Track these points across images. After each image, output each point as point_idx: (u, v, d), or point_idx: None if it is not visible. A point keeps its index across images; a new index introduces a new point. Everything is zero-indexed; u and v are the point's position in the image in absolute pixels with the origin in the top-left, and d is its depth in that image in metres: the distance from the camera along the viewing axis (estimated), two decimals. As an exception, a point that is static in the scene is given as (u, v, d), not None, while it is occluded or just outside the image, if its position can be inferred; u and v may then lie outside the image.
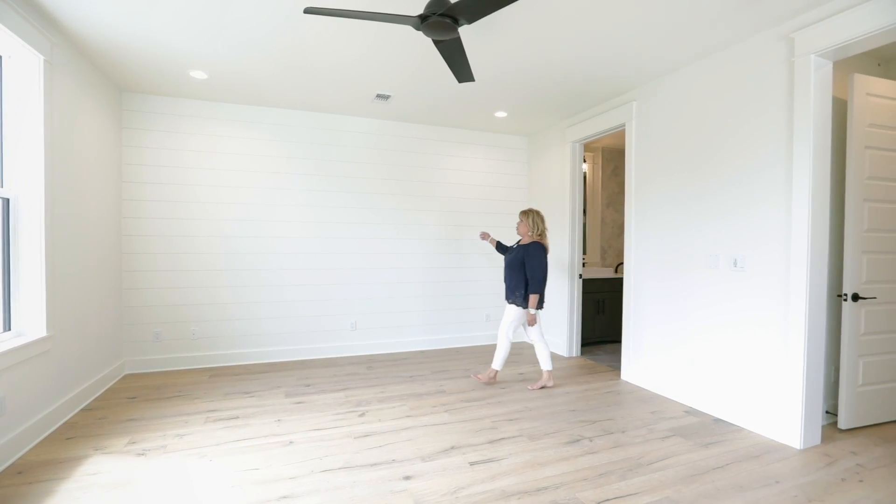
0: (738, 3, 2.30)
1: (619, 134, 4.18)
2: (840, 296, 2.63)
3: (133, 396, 3.14)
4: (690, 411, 2.92)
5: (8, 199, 2.40)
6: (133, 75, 3.30)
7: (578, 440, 2.49)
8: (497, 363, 3.45)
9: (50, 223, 2.55)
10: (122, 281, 3.65)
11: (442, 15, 1.93)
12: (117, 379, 3.50)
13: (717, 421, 2.76)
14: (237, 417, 2.78)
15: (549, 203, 4.66)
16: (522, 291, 3.33)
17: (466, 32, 2.60)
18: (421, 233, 4.60)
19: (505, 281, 3.48)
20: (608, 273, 5.09)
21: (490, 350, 4.59)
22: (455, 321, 4.77)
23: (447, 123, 4.57)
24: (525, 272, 3.31)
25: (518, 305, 3.36)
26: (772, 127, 2.55)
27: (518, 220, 3.67)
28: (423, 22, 1.99)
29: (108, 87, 3.35)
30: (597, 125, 3.94)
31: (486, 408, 2.98)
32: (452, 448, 2.39)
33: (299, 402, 3.05)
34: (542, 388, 3.38)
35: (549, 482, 2.04)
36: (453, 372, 3.81)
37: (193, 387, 3.36)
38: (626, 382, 3.55)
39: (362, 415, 2.84)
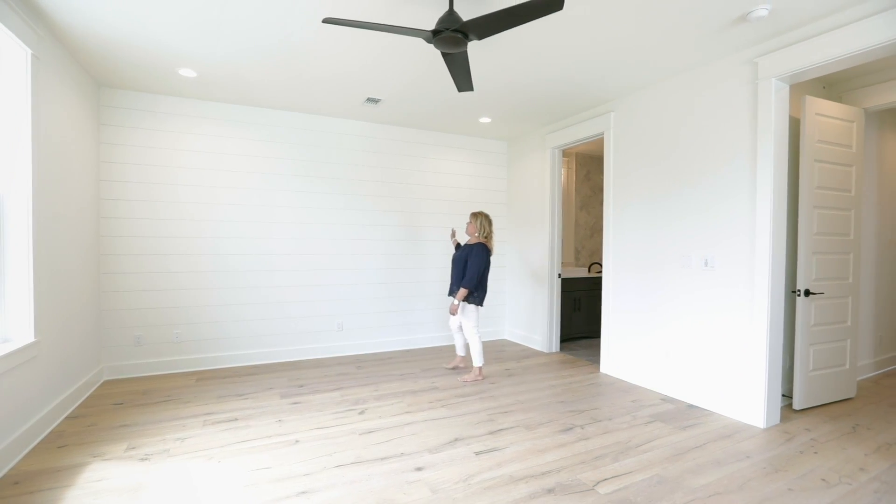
0: (709, 31, 2.56)
1: (595, 141, 4.44)
2: (794, 292, 2.96)
3: (120, 402, 3.04)
4: (666, 399, 3.19)
5: (-6, 199, 2.29)
6: (115, 70, 3.19)
7: (571, 428, 2.68)
8: (478, 359, 3.60)
9: (37, 223, 2.45)
10: (100, 283, 3.51)
11: (455, 31, 2.05)
12: (97, 385, 3.37)
13: (691, 407, 3.04)
14: (236, 420, 2.77)
15: (527, 205, 4.87)
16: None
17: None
18: (406, 234, 4.69)
19: (452, 278, 3.74)
20: (583, 273, 5.37)
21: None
22: (437, 321, 4.88)
23: (432, 127, 4.68)
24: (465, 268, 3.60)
25: (466, 300, 3.62)
26: (738, 141, 2.84)
27: (468, 220, 3.87)
28: (435, 36, 2.10)
29: (85, 81, 3.22)
30: (576, 133, 4.17)
31: (480, 402, 3.13)
32: (456, 440, 2.51)
33: (296, 403, 3.07)
34: (474, 381, 3.59)
35: (551, 466, 2.21)
36: (441, 370, 3.93)
37: (182, 391, 3.29)
38: (606, 375, 3.79)
39: (362, 412, 2.91)
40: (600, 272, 5.74)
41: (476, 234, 3.69)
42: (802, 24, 2.47)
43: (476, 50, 2.83)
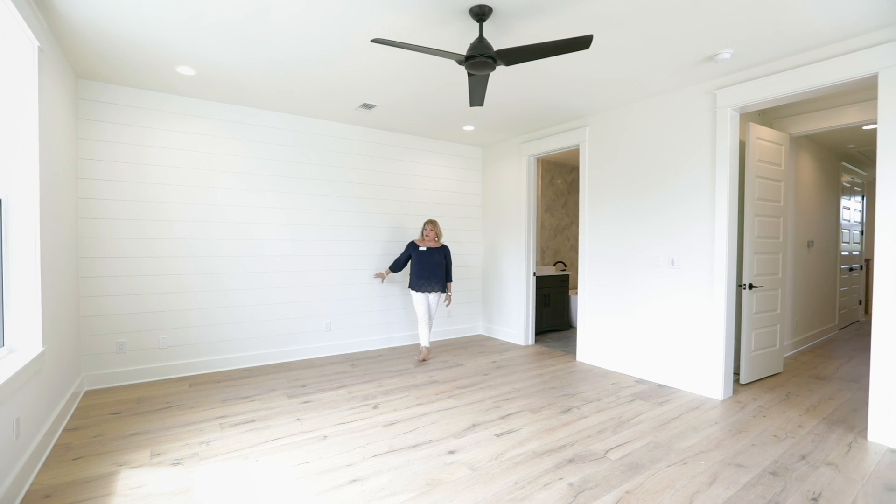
0: (679, 66, 3.02)
1: (561, 149, 4.87)
2: (740, 286, 3.55)
3: (117, 412, 2.92)
4: (640, 381, 3.66)
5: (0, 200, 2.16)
6: (101, 62, 3.03)
7: (569, 409, 3.03)
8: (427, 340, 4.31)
9: (44, 226, 2.33)
10: (79, 288, 3.30)
11: (488, 56, 2.28)
12: (80, 396, 3.18)
13: (661, 386, 3.53)
14: (253, 421, 2.80)
15: (502, 208, 5.21)
16: (443, 281, 4.26)
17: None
18: (390, 234, 4.82)
19: (426, 276, 4.20)
20: (551, 271, 5.83)
21: (453, 343, 5.00)
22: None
23: (417, 132, 4.85)
24: (446, 267, 4.27)
25: (441, 291, 4.26)
26: (699, 158, 3.35)
27: (428, 227, 4.30)
28: (467, 60, 2.32)
29: (66, 71, 3.02)
30: (552, 144, 4.57)
31: (482, 391, 3.39)
32: (474, 426, 2.75)
33: (306, 402, 3.13)
34: (423, 360, 4.21)
35: (564, 441, 2.53)
36: (434, 364, 4.14)
37: (179, 397, 3.21)
38: (582, 363, 4.23)
39: (376, 407, 3.05)
40: (564, 270, 6.25)
41: (437, 239, 4.34)
42: (754, 66, 3.00)
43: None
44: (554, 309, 5.62)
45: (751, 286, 3.50)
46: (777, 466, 2.25)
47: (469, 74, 2.52)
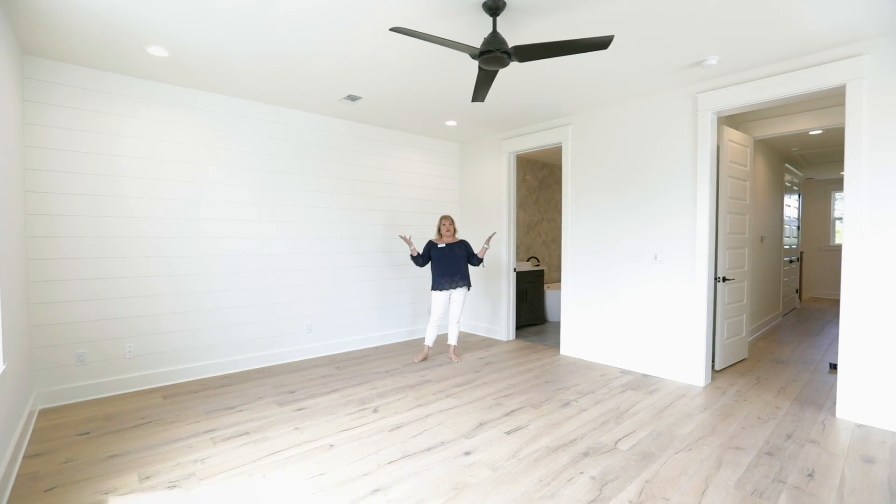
0: (666, 71, 3.15)
1: (542, 146, 4.95)
2: (716, 279, 3.79)
3: (85, 432, 2.61)
4: (625, 371, 3.82)
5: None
6: (52, 35, 2.67)
7: (568, 403, 3.09)
8: (455, 339, 4.26)
9: (14, 224, 2.02)
10: (28, 294, 2.91)
11: (503, 52, 2.25)
12: (35, 416, 2.81)
13: (646, 376, 3.69)
14: (247, 433, 2.61)
15: (480, 204, 5.22)
16: (468, 276, 4.17)
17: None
18: (370, 231, 4.68)
19: (449, 273, 4.08)
20: (528, 266, 5.93)
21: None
22: (403, 317, 4.99)
23: (398, 126, 4.73)
24: (467, 261, 4.17)
25: (467, 287, 4.16)
26: (680, 158, 3.53)
27: (445, 221, 4.17)
28: (482, 55, 2.27)
29: (10, 45, 2.63)
30: (534, 141, 4.63)
31: (478, 389, 3.38)
32: (481, 424, 2.73)
33: (300, 409, 2.97)
34: (423, 360, 4.14)
35: (573, 435, 2.57)
36: (422, 364, 4.08)
37: (155, 411, 2.93)
38: (566, 356, 4.34)
39: (376, 410, 2.95)
40: (538, 265, 6.38)
41: (453, 233, 4.19)
42: (734, 73, 3.19)
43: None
44: (530, 304, 5.73)
45: (724, 279, 3.74)
46: (770, 447, 2.42)
47: (480, 69, 2.47)
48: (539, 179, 6.72)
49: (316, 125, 4.24)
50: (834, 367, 3.84)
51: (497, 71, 2.50)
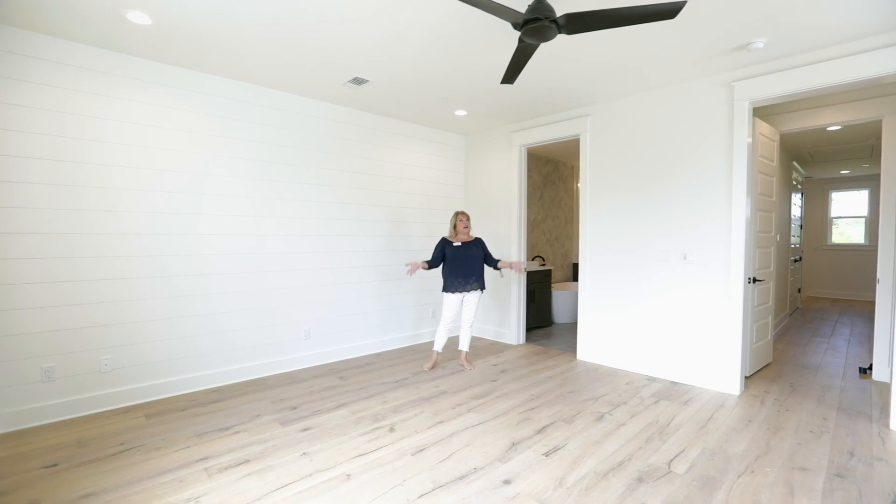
0: (699, 56, 2.91)
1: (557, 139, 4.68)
2: (748, 279, 3.58)
3: (53, 464, 2.21)
4: (651, 379, 3.58)
5: None
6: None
7: (602, 416, 2.83)
8: (468, 345, 3.95)
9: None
10: (-16, 301, 2.49)
11: (552, 21, 1.95)
12: (-8, 444, 2.40)
13: (674, 383, 3.46)
14: (247, 461, 2.25)
15: (488, 201, 4.93)
16: (482, 278, 3.86)
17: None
18: (374, 228, 4.34)
19: (463, 274, 3.75)
20: (534, 266, 5.66)
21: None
22: (405, 319, 4.66)
23: (404, 116, 4.39)
24: (483, 260, 3.86)
25: (479, 290, 3.85)
26: (714, 151, 3.30)
27: (462, 218, 3.86)
28: (527, 24, 1.97)
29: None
30: (548, 133, 4.35)
31: (500, 401, 3.09)
32: (514, 445, 2.44)
33: (306, 429, 2.62)
34: (432, 367, 3.82)
35: (619, 456, 2.30)
36: (434, 371, 3.77)
37: (136, 434, 2.54)
38: (584, 361, 4.09)
39: (392, 429, 2.63)
40: (544, 265, 6.13)
41: (468, 231, 3.88)
42: (774, 59, 2.97)
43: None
44: (538, 306, 5.47)
45: (754, 280, 3.54)
46: (837, 467, 2.20)
47: (519, 43, 2.17)
48: (543, 175, 6.47)
49: (317, 112, 3.87)
50: (863, 371, 3.69)
51: (537, 46, 2.20)
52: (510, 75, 2.50)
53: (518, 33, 2.24)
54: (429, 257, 4.03)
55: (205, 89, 3.24)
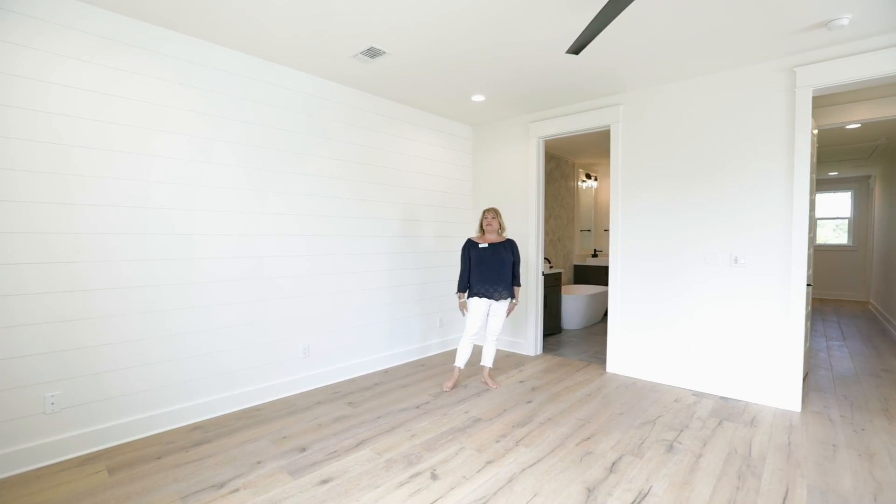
0: (763, 35, 2.59)
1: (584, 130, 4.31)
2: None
3: (-24, 557, 1.57)
4: (698, 394, 3.24)
5: None
6: None
7: (672, 446, 2.44)
8: (491, 361, 3.45)
9: None
10: None
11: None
12: None
13: (725, 399, 3.14)
14: (258, 535, 1.69)
15: (500, 197, 4.49)
16: (510, 285, 3.35)
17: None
18: (377, 227, 3.80)
19: (490, 279, 3.27)
20: (546, 268, 5.27)
21: (449, 357, 4.14)
22: (413, 330, 4.15)
23: (413, 101, 3.87)
24: (511, 267, 3.34)
25: (509, 298, 3.35)
26: (771, 145, 2.99)
27: (488, 215, 3.37)
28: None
29: None
30: (573, 124, 3.96)
31: (547, 429, 2.65)
32: (589, 491, 2.00)
33: (325, 482, 2.08)
34: (452, 387, 3.33)
35: (723, 503, 1.91)
36: (454, 393, 3.28)
37: (98, 495, 1.91)
38: (616, 375, 3.71)
39: (434, 476, 2.13)
40: (551, 267, 5.76)
41: (499, 231, 3.41)
42: (848, 41, 2.68)
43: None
44: (549, 311, 5.08)
45: (809, 284, 3.28)
46: (968, 506, 1.90)
47: (613, -4, 1.73)
48: (547, 172, 6.10)
49: (319, 91, 3.30)
50: (905, 379, 3.52)
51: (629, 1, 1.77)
52: (581, 39, 2.06)
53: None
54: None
55: (191, 56, 2.61)
